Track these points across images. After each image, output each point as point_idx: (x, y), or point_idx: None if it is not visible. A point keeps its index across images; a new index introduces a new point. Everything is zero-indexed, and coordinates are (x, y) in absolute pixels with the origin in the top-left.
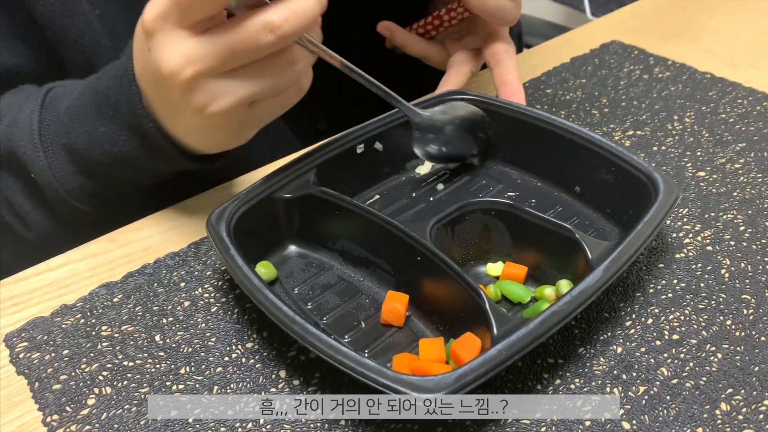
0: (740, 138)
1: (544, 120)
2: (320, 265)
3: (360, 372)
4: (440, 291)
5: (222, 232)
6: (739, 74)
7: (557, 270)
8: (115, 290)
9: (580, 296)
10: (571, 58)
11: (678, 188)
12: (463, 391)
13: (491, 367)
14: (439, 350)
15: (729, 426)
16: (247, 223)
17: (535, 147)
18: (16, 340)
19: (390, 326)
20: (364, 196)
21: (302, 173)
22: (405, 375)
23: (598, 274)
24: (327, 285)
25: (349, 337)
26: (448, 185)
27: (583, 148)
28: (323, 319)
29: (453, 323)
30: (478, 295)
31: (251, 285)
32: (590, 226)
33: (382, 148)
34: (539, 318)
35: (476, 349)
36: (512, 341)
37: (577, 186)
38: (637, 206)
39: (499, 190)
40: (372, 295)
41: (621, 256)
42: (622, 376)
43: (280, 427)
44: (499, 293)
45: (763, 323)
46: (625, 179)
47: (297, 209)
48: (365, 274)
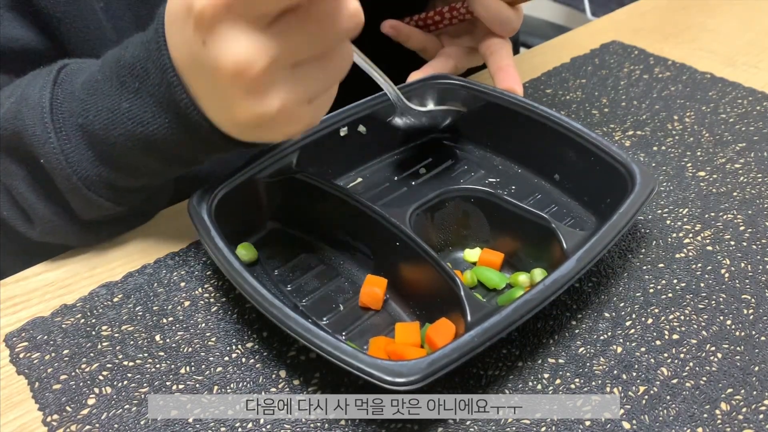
0: (740, 138)
1: (525, 107)
2: (301, 248)
3: (335, 355)
4: (417, 276)
5: (203, 213)
6: (739, 74)
7: (533, 258)
8: (115, 290)
9: (553, 285)
10: (571, 58)
11: (655, 179)
12: (435, 377)
13: (463, 353)
14: (414, 334)
15: (729, 426)
16: (229, 205)
17: (517, 134)
18: (16, 340)
19: (368, 309)
20: (347, 179)
21: (285, 155)
22: (379, 360)
23: (571, 264)
24: (307, 267)
25: (327, 320)
26: (431, 170)
27: (562, 136)
28: (302, 301)
29: (429, 308)
30: (454, 281)
31: (230, 266)
32: (567, 215)
33: (365, 130)
34: (512, 306)
35: (450, 334)
36: (485, 328)
37: (556, 174)
38: (614, 196)
39: (480, 175)
40: (351, 278)
41: (595, 246)
42: (622, 376)
43: (280, 427)
44: (475, 279)
45: (763, 323)
46: (603, 169)
47: (278, 192)
48: (345, 257)
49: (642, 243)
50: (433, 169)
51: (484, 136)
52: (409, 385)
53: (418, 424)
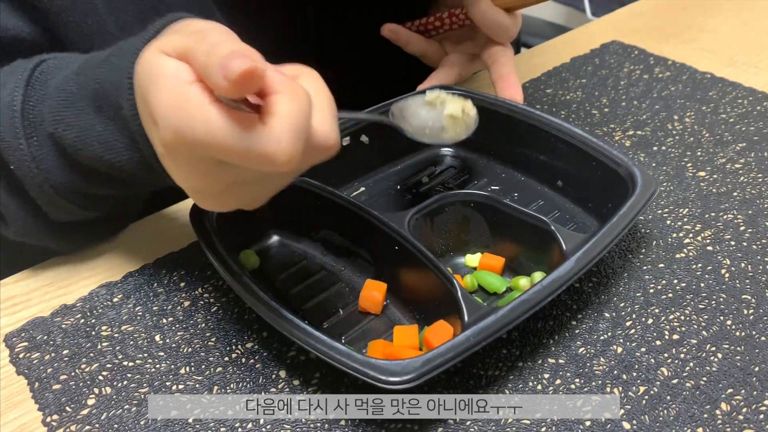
0: (740, 138)
1: (527, 115)
2: (302, 255)
3: (330, 355)
4: (416, 280)
5: (205, 221)
6: (739, 74)
7: (534, 261)
8: (115, 290)
9: (551, 285)
10: (571, 58)
11: (656, 182)
12: (429, 375)
13: (458, 353)
14: (412, 337)
15: (729, 426)
16: (231, 213)
17: (519, 142)
18: (16, 340)
19: (367, 313)
20: (350, 188)
21: None
22: (373, 359)
23: (570, 265)
24: (308, 273)
25: (327, 324)
26: (433, 179)
27: (564, 142)
28: (303, 306)
29: (428, 312)
30: (452, 284)
31: (231, 273)
32: (570, 220)
33: (368, 141)
34: (509, 306)
35: (448, 336)
36: (481, 328)
37: (559, 180)
38: (616, 200)
39: (483, 183)
40: (351, 284)
41: (594, 247)
42: (622, 376)
43: (280, 427)
44: (475, 283)
45: (763, 323)
46: (605, 173)
47: (280, 199)
48: (346, 263)
49: (642, 243)
50: (436, 178)
51: (486, 144)
52: (403, 384)
53: (418, 424)
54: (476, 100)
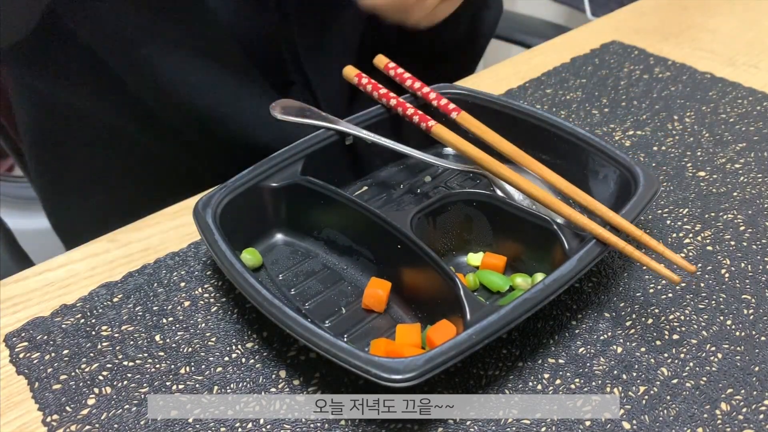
0: (740, 138)
1: (530, 114)
2: (305, 253)
3: (332, 353)
4: (419, 279)
5: (208, 219)
6: (739, 74)
7: (536, 260)
8: (115, 290)
9: (552, 284)
10: (571, 58)
11: (658, 182)
12: (432, 374)
13: (460, 351)
14: (415, 336)
15: (729, 426)
16: (234, 211)
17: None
18: (16, 340)
19: (370, 312)
20: (352, 187)
21: (290, 163)
22: (376, 356)
23: (571, 264)
24: (311, 272)
25: (329, 322)
26: (436, 178)
27: (568, 142)
28: (305, 305)
29: (431, 310)
30: (454, 282)
31: (234, 270)
32: None
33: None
34: (511, 305)
35: (451, 335)
36: (483, 326)
37: None
38: (619, 199)
39: (485, 183)
40: (354, 283)
41: (596, 246)
42: (622, 376)
43: (280, 427)
44: (477, 282)
45: (763, 323)
46: (608, 173)
47: (284, 198)
48: (349, 262)
49: None
50: (439, 177)
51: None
52: (405, 382)
53: (418, 424)
54: (479, 99)
